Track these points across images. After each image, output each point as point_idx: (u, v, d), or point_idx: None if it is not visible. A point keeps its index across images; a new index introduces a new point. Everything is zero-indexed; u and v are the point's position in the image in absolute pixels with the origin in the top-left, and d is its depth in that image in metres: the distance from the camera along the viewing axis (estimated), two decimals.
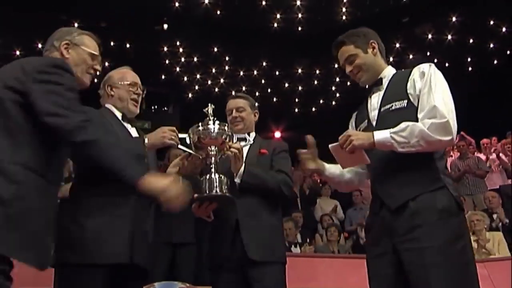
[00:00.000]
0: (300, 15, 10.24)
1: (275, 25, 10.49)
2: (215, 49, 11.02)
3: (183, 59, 11.22)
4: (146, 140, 1.94)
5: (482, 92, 11.21)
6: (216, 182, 1.98)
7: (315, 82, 12.33)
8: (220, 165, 2.11)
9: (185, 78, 11.84)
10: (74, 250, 1.77)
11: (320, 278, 3.47)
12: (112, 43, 10.02)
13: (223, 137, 2.07)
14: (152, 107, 12.62)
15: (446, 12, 9.96)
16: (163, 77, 11.77)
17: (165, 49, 10.74)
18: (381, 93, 1.92)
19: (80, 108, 1.69)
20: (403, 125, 1.68)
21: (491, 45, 10.95)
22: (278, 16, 10.27)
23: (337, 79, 12.49)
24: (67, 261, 1.78)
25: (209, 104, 2.19)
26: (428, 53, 11.22)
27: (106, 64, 10.34)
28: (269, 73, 11.97)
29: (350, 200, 6.97)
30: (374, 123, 1.88)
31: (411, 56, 11.23)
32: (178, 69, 11.50)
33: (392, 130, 1.69)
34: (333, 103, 13.62)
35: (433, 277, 1.57)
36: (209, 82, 12.05)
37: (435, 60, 11.38)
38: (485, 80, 11.46)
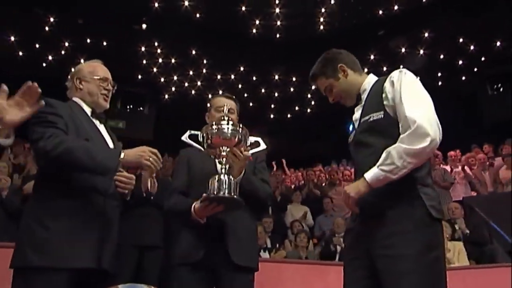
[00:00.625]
0: (279, 23, 10.31)
1: (254, 31, 10.53)
2: (193, 52, 10.96)
3: (160, 60, 11.11)
4: (122, 155, 1.82)
5: (450, 106, 11.54)
6: (225, 184, 1.93)
7: (291, 89, 12.41)
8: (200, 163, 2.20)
9: (162, 79, 11.72)
10: (39, 252, 1.70)
11: (287, 284, 3.48)
12: (88, 40, 9.83)
13: (236, 138, 2.01)
14: (128, 107, 12.43)
15: (419, 27, 10.26)
16: (139, 77, 11.61)
17: (143, 49, 10.61)
18: (361, 106, 1.95)
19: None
20: (384, 154, 1.68)
21: (460, 62, 11.32)
22: (258, 22, 10.31)
23: (313, 87, 12.56)
24: (30, 264, 1.70)
25: (225, 104, 2.16)
26: (401, 66, 11.48)
27: (82, 60, 10.16)
28: (246, 78, 11.98)
29: (320, 207, 7.01)
30: (356, 135, 1.92)
31: (385, 68, 11.47)
32: (155, 69, 11.37)
33: (378, 163, 1.68)
34: (308, 110, 13.74)
35: (404, 285, 1.59)
36: (186, 84, 11.97)
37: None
38: (453, 95, 11.81)
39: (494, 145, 8.61)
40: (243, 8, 9.80)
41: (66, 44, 9.91)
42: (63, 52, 10.14)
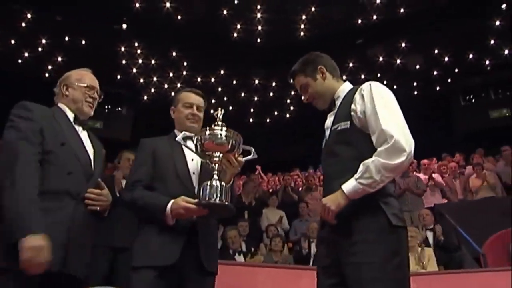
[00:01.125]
0: (260, 28, 10.38)
1: (235, 35, 10.56)
2: (174, 54, 10.91)
3: (140, 61, 11.01)
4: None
5: (425, 115, 11.84)
6: (218, 190, 1.91)
7: (271, 94, 12.49)
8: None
9: (141, 80, 11.62)
10: (7, 254, 1.65)
11: None
12: (66, 38, 9.67)
13: (230, 144, 1.97)
14: (105, 107, 12.26)
15: (396, 37, 10.50)
16: (118, 77, 11.48)
17: (123, 49, 10.50)
18: (334, 112, 1.97)
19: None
20: (361, 167, 1.71)
21: (435, 72, 11.63)
22: (239, 26, 10.35)
23: (292, 93, 12.71)
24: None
25: (219, 109, 2.07)
26: (379, 75, 11.72)
27: (59, 58, 10.01)
28: (226, 82, 11.99)
29: (296, 212, 7.06)
30: (327, 142, 1.96)
31: (363, 76, 11.67)
32: (134, 70, 11.27)
33: (356, 176, 1.71)
34: (287, 115, 13.84)
35: None
36: (166, 86, 11.88)
37: (385, 82, 11.90)
38: (428, 104, 12.12)
39: (465, 154, 8.85)
40: (225, 12, 9.83)
41: (44, 41, 9.72)
42: (40, 49, 9.95)
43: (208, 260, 2.06)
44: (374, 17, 10.03)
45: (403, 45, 10.56)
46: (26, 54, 10.06)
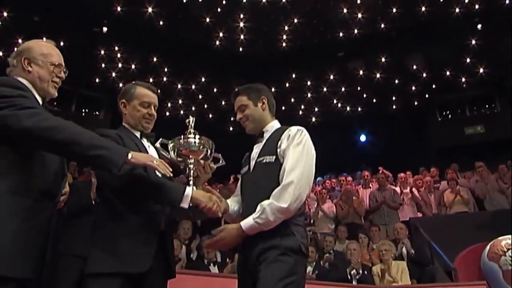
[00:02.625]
0: (242, 36, 10.45)
1: (217, 43, 10.61)
2: (155, 59, 10.85)
3: (120, 65, 10.90)
4: (129, 155, 1.72)
5: (403, 129, 12.08)
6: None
7: None
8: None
9: (120, 85, 11.46)
10: None
11: None
12: (44, 39, 9.42)
13: (203, 150, 2.07)
14: (83, 111, 12.06)
15: (376, 52, 10.72)
16: (97, 80, 11.33)
17: (102, 52, 10.39)
18: (261, 145, 2.16)
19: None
20: (259, 207, 1.90)
21: (413, 88, 11.91)
22: (221, 34, 10.40)
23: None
24: None
25: (190, 116, 2.17)
26: (359, 88, 11.92)
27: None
28: (206, 89, 11.98)
29: None
30: (251, 171, 2.13)
31: (343, 89, 11.83)
32: (114, 74, 11.14)
33: (254, 215, 1.90)
34: None
35: None
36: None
37: (365, 95, 12.12)
38: (406, 119, 12.37)
39: (440, 169, 9.03)
40: (207, 20, 9.86)
41: (20, 41, 9.49)
42: (15, 50, 9.71)
43: (173, 265, 2.07)
44: (355, 31, 10.23)
45: (383, 59, 10.79)
46: (0, 54, 9.83)
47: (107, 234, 1.87)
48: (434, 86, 11.89)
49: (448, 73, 11.20)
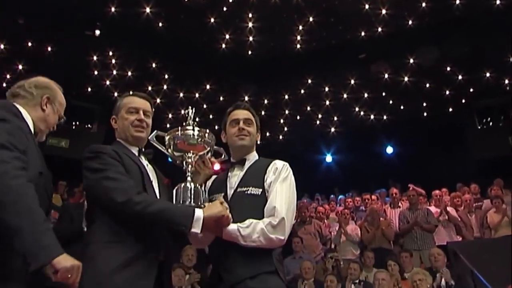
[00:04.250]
0: (251, 38, 10.45)
1: (223, 45, 10.61)
2: (153, 65, 10.89)
3: (115, 72, 10.96)
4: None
5: (436, 139, 11.93)
6: (191, 192, 2.06)
7: (262, 113, 12.48)
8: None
9: (116, 94, 11.53)
10: None
11: None
12: (29, 44, 9.60)
13: (203, 144, 2.16)
14: (73, 123, 12.13)
15: (404, 52, 10.62)
16: (89, 89, 11.41)
17: (95, 58, 10.45)
18: (241, 174, 2.34)
19: None
20: (247, 221, 2.10)
21: (447, 92, 11.77)
22: (227, 36, 10.41)
23: (286, 112, 12.76)
24: None
25: (189, 107, 2.26)
26: (384, 93, 11.83)
27: (20, 67, 9.91)
28: (212, 98, 11.99)
29: (288, 248, 6.98)
30: (229, 199, 2.26)
31: (366, 95, 11.75)
32: (108, 82, 11.20)
33: (239, 224, 2.09)
34: (280, 137, 13.85)
35: None
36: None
37: (390, 102, 12.02)
38: (440, 128, 12.21)
39: (481, 184, 8.86)
40: (212, 20, 9.88)
41: (2, 46, 9.62)
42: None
43: None
44: (379, 29, 10.16)
45: (411, 61, 10.69)
46: None
47: (101, 265, 1.88)
48: (472, 90, 11.71)
49: (488, 74, 11.00)
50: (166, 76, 11.29)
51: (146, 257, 1.96)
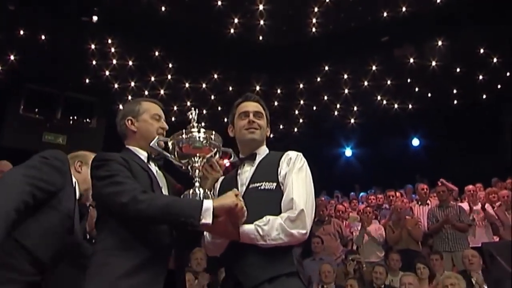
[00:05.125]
0: (262, 22, 10.35)
1: (232, 31, 10.54)
2: (156, 53, 10.87)
3: (114, 61, 10.96)
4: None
5: (467, 130, 11.77)
6: (200, 197, 2.09)
7: (275, 103, 12.43)
8: None
9: (116, 85, 11.57)
10: None
11: None
12: (22, 32, 9.63)
13: (209, 146, 2.19)
14: (70, 118, 12.18)
15: (431, 34, 10.45)
16: (87, 81, 11.41)
17: (93, 46, 10.45)
18: (252, 169, 2.39)
19: None
20: (265, 218, 2.13)
21: (480, 77, 11.57)
22: (236, 20, 10.34)
23: (301, 102, 12.69)
24: None
25: (192, 108, 2.28)
26: (409, 80, 11.69)
27: (12, 57, 9.97)
28: (220, 88, 11.95)
29: (307, 248, 6.97)
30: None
31: (389, 82, 11.63)
32: (107, 73, 11.21)
33: (256, 222, 2.12)
34: (295, 130, 13.79)
35: None
36: (146, 92, 11.82)
37: (417, 89, 11.88)
38: (472, 117, 12.04)
39: None
40: (219, 3, 9.83)
41: None
42: None
43: None
44: (403, 9, 10.01)
45: (440, 43, 10.52)
46: None
47: (107, 273, 1.97)
48: (508, 74, 11.51)
49: None
50: (170, 66, 11.27)
51: (154, 265, 2.04)
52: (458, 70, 11.30)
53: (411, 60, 11.00)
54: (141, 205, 1.94)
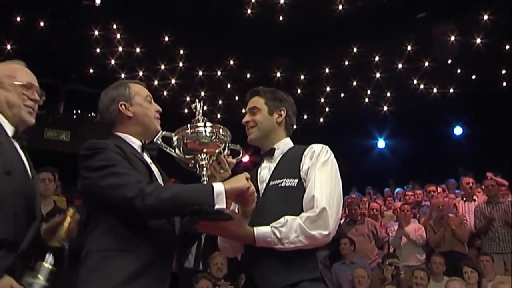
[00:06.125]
0: (282, 1, 10.32)
1: (249, 11, 10.54)
2: (166, 39, 10.95)
3: (120, 49, 11.07)
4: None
5: None
6: None
7: (298, 91, 12.39)
8: None
9: (122, 75, 11.67)
10: None
11: None
12: (18, 19, 9.74)
13: (216, 142, 2.20)
14: (74, 112, 12.32)
15: (476, 8, 10.26)
16: (91, 71, 11.56)
17: (96, 33, 10.57)
18: (272, 166, 2.42)
19: None
20: (282, 219, 2.14)
21: None
22: (253, 0, 10.33)
23: (327, 88, 12.61)
24: None
25: (197, 100, 2.30)
26: (450, 61, 11.51)
27: (8, 47, 10.09)
28: (237, 75, 12.01)
29: (336, 251, 6.92)
30: (261, 196, 2.32)
31: (426, 64, 11.47)
32: (113, 61, 11.35)
33: (273, 224, 2.13)
34: (321, 120, 13.74)
35: None
36: (156, 82, 11.92)
37: (459, 71, 11.69)
38: None
39: None
40: None
41: None
42: None
43: None
44: None
45: (485, 18, 10.34)
46: None
47: (104, 278, 1.92)
48: None
49: None
50: (182, 52, 11.39)
51: (157, 268, 2.04)
52: (506, 47, 11.10)
53: (452, 38, 10.90)
54: (149, 198, 1.89)
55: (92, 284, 1.92)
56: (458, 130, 13.33)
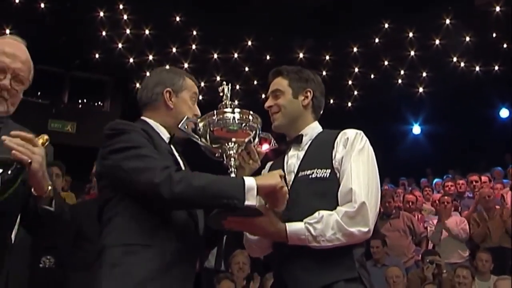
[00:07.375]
0: None
1: None
2: (177, 19, 10.96)
3: (128, 31, 11.12)
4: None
5: None
6: None
7: (323, 73, 12.34)
8: None
9: (131, 60, 11.73)
10: None
11: None
12: (17, 0, 9.82)
13: (246, 129, 2.17)
14: (79, 101, 12.43)
15: None
16: (96, 56, 11.63)
17: (101, 14, 10.62)
18: (301, 154, 2.40)
19: None
20: (316, 215, 2.12)
21: None
22: None
23: (356, 70, 12.55)
24: None
25: (224, 83, 2.27)
26: (494, 35, 11.35)
27: (7, 31, 10.17)
28: (256, 57, 12.01)
29: (367, 250, 6.91)
30: (289, 189, 2.22)
31: (468, 38, 11.32)
32: (120, 45, 11.39)
33: (307, 219, 2.12)
34: (349, 104, 13.71)
35: None
36: (167, 67, 11.89)
37: (504, 46, 11.54)
38: None
39: None
40: None
41: None
42: None
43: None
44: None
45: None
46: None
47: (125, 276, 1.93)
48: None
49: None
50: (195, 33, 11.42)
51: (183, 265, 2.06)
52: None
53: (497, 9, 10.68)
54: (178, 185, 1.89)
55: (111, 281, 1.91)
56: (504, 113, 13.18)
